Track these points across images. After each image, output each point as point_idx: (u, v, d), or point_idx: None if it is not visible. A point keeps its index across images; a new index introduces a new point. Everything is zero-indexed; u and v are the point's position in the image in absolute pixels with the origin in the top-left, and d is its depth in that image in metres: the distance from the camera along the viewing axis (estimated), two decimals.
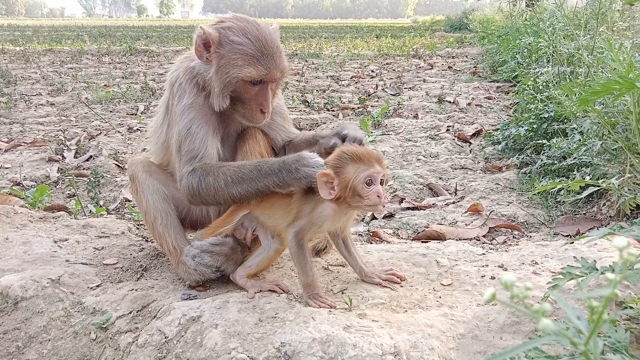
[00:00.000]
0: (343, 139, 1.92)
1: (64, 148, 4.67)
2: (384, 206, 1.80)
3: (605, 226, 2.67)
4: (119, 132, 5.50)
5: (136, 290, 1.98)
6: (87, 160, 4.49)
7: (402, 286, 1.94)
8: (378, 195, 1.71)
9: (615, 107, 2.11)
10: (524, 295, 0.58)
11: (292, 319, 1.69)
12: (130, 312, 1.84)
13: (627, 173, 2.27)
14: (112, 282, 2.11)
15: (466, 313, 1.73)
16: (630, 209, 2.36)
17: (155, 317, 1.80)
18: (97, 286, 2.05)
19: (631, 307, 1.54)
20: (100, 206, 3.22)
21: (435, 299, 1.85)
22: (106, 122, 5.90)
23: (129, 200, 3.53)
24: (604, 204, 2.85)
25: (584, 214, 2.97)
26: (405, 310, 1.79)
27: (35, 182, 3.89)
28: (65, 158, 4.49)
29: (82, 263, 2.23)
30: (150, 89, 8.04)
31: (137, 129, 5.68)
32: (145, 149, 4.90)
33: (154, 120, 2.31)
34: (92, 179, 3.23)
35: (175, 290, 2.00)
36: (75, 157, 4.55)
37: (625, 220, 2.62)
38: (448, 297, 1.85)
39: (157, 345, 1.68)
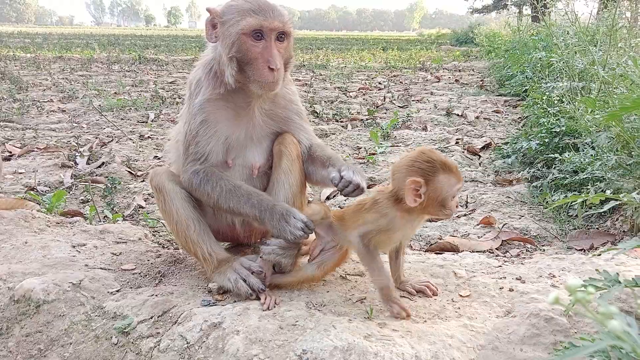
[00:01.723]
0: (341, 177, 1.89)
1: (77, 154, 4.72)
2: None
3: (619, 241, 2.68)
4: (130, 139, 5.55)
5: (156, 295, 1.99)
6: (100, 166, 4.53)
7: (420, 297, 1.95)
8: (456, 206, 1.76)
9: (633, 122, 2.14)
10: (586, 300, 0.59)
11: (312, 327, 1.70)
12: (152, 317, 1.85)
13: None
14: (131, 288, 2.12)
15: (486, 324, 1.74)
16: None
17: (176, 322, 1.81)
18: (117, 291, 2.06)
19: None
20: (116, 212, 3.25)
21: (454, 309, 1.86)
22: (118, 130, 5.96)
23: (143, 207, 3.56)
24: (618, 219, 2.86)
25: (597, 228, 2.98)
26: (425, 321, 1.80)
27: (49, 187, 3.93)
28: (77, 164, 4.54)
29: (101, 268, 2.25)
30: (161, 97, 8.11)
31: (148, 137, 5.73)
32: (157, 156, 4.94)
33: (175, 130, 2.34)
34: (109, 185, 3.26)
35: (195, 296, 2.01)
36: (87, 163, 4.60)
37: (639, 235, 2.63)
38: (467, 308, 1.86)
39: (179, 350, 1.70)
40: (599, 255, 2.02)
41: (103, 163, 4.59)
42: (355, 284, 2.07)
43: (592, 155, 3.03)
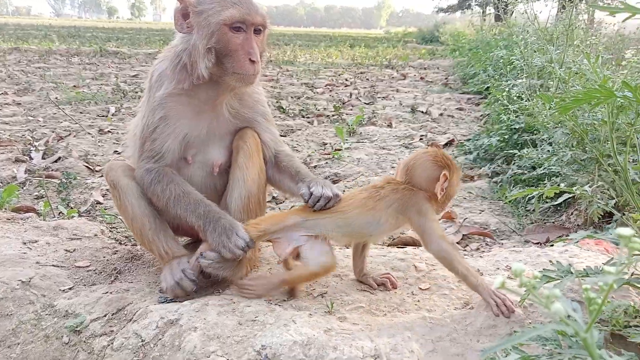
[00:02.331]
0: (310, 193, 1.87)
1: (32, 149, 4.54)
2: None
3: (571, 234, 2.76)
4: (89, 133, 5.38)
5: (111, 293, 1.93)
6: (56, 161, 4.37)
7: (381, 290, 1.96)
8: None
9: (586, 118, 2.20)
10: (532, 285, 0.60)
11: (272, 322, 1.68)
12: (105, 315, 1.79)
13: (596, 182, 2.36)
14: (85, 285, 2.05)
15: (444, 316, 1.75)
16: (598, 217, 2.44)
17: (131, 320, 1.76)
18: (70, 289, 1.99)
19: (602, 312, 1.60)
20: (71, 208, 3.14)
21: (413, 302, 1.87)
22: (76, 123, 5.76)
23: (100, 203, 3.45)
24: (572, 213, 2.95)
25: (553, 222, 3.07)
26: (385, 314, 1.81)
27: (1, 182, 3.76)
28: (32, 159, 4.36)
29: (53, 265, 2.16)
30: (122, 90, 7.90)
31: (108, 131, 5.57)
32: (116, 151, 4.81)
33: (133, 123, 2.25)
34: (63, 180, 3.14)
35: (152, 293, 1.96)
36: (43, 158, 4.42)
37: (592, 228, 2.72)
38: (426, 300, 1.88)
39: (134, 348, 1.65)
40: (552, 246, 2.07)
41: (59, 158, 4.42)
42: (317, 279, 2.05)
43: (549, 151, 3.11)
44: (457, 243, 2.87)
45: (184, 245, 2.18)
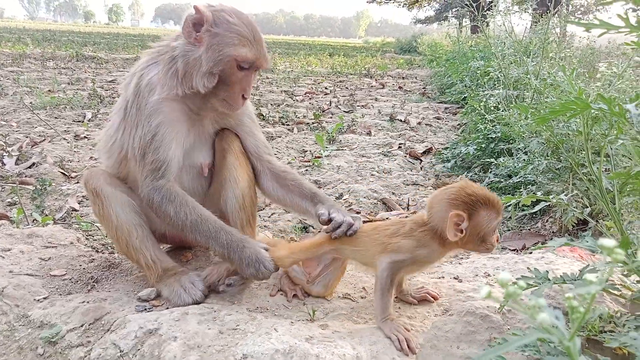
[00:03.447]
0: (330, 219, 1.85)
1: (5, 154, 4.43)
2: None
3: (549, 241, 2.82)
4: (64, 139, 5.27)
5: (87, 302, 1.89)
6: (30, 167, 4.28)
7: (362, 297, 1.97)
8: (497, 240, 1.69)
9: (561, 129, 2.27)
10: (517, 294, 0.61)
11: (253, 331, 1.67)
12: (82, 325, 1.75)
13: (571, 191, 2.42)
14: (60, 294, 2.00)
15: (425, 323, 1.77)
16: (572, 225, 2.51)
17: (109, 330, 1.73)
18: (45, 298, 1.94)
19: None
20: (46, 215, 3.07)
21: (394, 309, 1.88)
22: (51, 129, 5.65)
23: (76, 210, 3.38)
24: (548, 220, 3.02)
25: (529, 229, 3.13)
26: (366, 322, 1.81)
27: None
28: (5, 164, 4.26)
29: (27, 274, 2.11)
30: (99, 96, 7.78)
31: (85, 137, 5.47)
32: (92, 157, 4.73)
33: (105, 131, 2.16)
34: (38, 186, 3.07)
35: (130, 302, 1.93)
36: (16, 163, 4.32)
37: (567, 235, 2.78)
38: (407, 308, 1.89)
39: (112, 359, 1.61)
40: (530, 254, 2.11)
41: (34, 164, 4.33)
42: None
43: (524, 160, 3.18)
44: None
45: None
